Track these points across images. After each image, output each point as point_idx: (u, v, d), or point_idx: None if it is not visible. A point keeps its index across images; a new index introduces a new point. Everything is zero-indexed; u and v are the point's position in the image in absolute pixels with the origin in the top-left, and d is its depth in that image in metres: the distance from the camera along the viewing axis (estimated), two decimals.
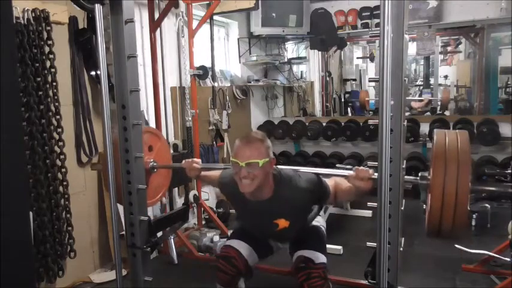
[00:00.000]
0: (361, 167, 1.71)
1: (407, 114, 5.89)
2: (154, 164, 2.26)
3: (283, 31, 5.30)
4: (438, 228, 1.60)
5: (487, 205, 3.77)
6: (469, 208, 1.54)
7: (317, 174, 1.92)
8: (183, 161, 2.19)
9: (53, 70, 2.65)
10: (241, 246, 2.08)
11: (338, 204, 4.12)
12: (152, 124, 3.49)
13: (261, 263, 2.86)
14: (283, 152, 5.40)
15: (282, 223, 1.95)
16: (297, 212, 1.98)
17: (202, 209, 3.88)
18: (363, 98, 6.42)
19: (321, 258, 2.00)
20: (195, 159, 2.23)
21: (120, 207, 2.20)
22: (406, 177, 1.65)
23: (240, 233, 2.20)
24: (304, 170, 2.00)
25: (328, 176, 1.98)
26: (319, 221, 2.24)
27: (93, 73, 3.00)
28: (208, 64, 4.23)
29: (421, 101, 6.83)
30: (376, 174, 1.65)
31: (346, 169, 1.85)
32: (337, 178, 1.93)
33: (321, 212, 2.38)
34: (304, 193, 1.89)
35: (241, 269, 2.06)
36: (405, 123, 1.61)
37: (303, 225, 2.12)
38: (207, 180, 2.31)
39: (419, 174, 1.67)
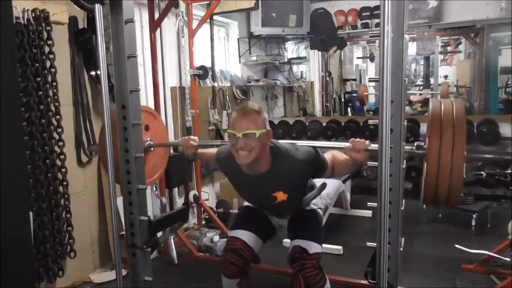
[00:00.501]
0: (357, 139, 1.71)
1: (407, 109, 5.89)
2: (151, 142, 2.26)
3: (283, 31, 5.30)
4: (434, 195, 1.59)
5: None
6: (464, 176, 1.54)
7: (314, 147, 1.93)
8: (180, 139, 2.19)
9: (53, 70, 2.65)
10: (246, 236, 2.09)
11: (337, 204, 4.12)
12: None
13: (261, 263, 2.87)
14: None
15: (280, 196, 1.95)
16: (295, 184, 1.98)
17: (202, 209, 3.88)
18: (361, 93, 6.40)
19: (315, 247, 2.00)
20: (192, 136, 2.23)
21: (120, 208, 2.21)
22: (406, 146, 1.65)
23: (243, 220, 2.21)
24: (301, 143, 2.00)
25: (326, 149, 2.01)
26: (317, 203, 2.22)
27: (93, 73, 3.00)
28: (208, 64, 4.23)
29: (420, 95, 6.82)
30: (372, 145, 1.66)
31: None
32: (334, 151, 1.95)
33: (324, 197, 2.36)
34: (302, 165, 1.88)
35: (248, 258, 2.08)
36: (405, 123, 1.61)
37: (301, 200, 2.12)
38: (204, 158, 2.32)
39: (415, 144, 1.67)
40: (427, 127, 1.62)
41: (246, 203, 2.30)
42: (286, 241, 3.47)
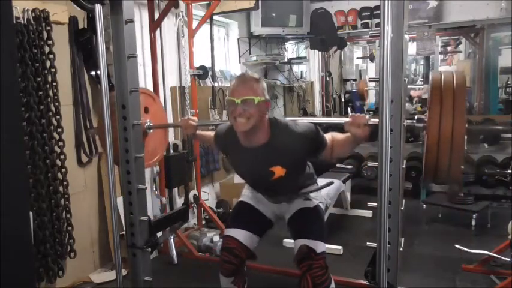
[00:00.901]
0: (357, 114, 1.70)
1: (407, 106, 5.88)
2: (151, 124, 2.26)
3: (283, 31, 5.29)
4: (435, 167, 1.58)
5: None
6: (466, 148, 1.53)
7: (315, 124, 1.92)
8: (180, 119, 2.19)
9: (53, 70, 2.65)
10: (240, 235, 2.08)
11: (337, 203, 4.12)
12: None
13: (260, 263, 2.87)
14: None
15: (278, 171, 1.92)
16: (293, 159, 1.93)
17: (202, 209, 3.88)
18: (361, 88, 6.36)
19: (322, 246, 2.00)
20: (191, 116, 2.23)
21: (120, 208, 2.21)
22: (407, 121, 1.65)
23: (237, 218, 2.20)
24: (301, 119, 1.99)
25: (326, 128, 1.96)
26: (318, 197, 2.19)
27: (93, 73, 3.00)
28: (208, 64, 4.23)
29: (420, 89, 6.80)
30: (372, 120, 1.64)
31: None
32: (333, 132, 1.94)
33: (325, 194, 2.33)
34: (301, 139, 1.86)
35: (243, 257, 2.08)
36: (405, 123, 1.62)
37: (299, 180, 2.09)
38: (204, 139, 2.32)
39: (416, 117, 1.67)
40: (428, 98, 1.61)
41: (240, 199, 2.27)
42: (287, 241, 3.49)
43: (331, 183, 2.23)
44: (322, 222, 2.15)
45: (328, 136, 1.92)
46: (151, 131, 2.27)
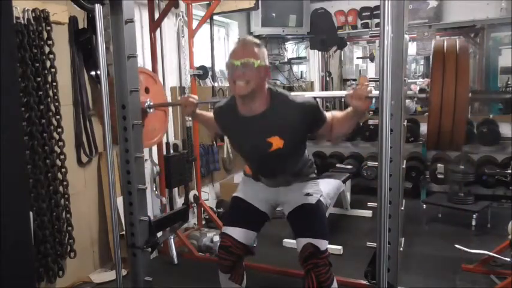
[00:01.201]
0: (359, 86, 1.67)
1: (408, 102, 5.87)
2: (151, 103, 2.26)
3: (283, 31, 5.30)
4: (438, 133, 1.56)
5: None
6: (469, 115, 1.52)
7: (314, 98, 1.91)
8: (179, 97, 2.18)
9: (53, 70, 2.65)
10: (236, 232, 2.08)
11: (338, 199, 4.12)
12: None
13: (261, 263, 2.87)
14: None
15: (276, 141, 1.89)
16: (292, 130, 1.89)
17: (202, 209, 3.88)
18: (362, 83, 6.37)
19: (325, 244, 2.00)
20: (191, 94, 2.23)
21: (120, 207, 2.21)
22: (408, 91, 1.63)
23: (232, 215, 2.19)
24: (301, 93, 1.99)
25: (327, 110, 1.94)
26: (318, 192, 2.14)
27: (93, 73, 3.00)
28: (208, 64, 4.23)
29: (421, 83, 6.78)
30: (374, 92, 1.60)
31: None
32: (334, 111, 1.92)
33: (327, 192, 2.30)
34: (300, 110, 1.85)
35: (239, 253, 2.09)
36: (405, 123, 1.62)
37: (297, 154, 2.06)
38: (203, 118, 2.30)
39: (418, 87, 1.66)
40: (430, 65, 1.59)
41: (235, 193, 2.24)
42: (286, 241, 3.49)
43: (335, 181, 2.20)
44: (325, 219, 2.14)
45: (328, 114, 1.92)
46: (152, 110, 2.27)
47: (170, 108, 3.84)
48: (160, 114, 2.40)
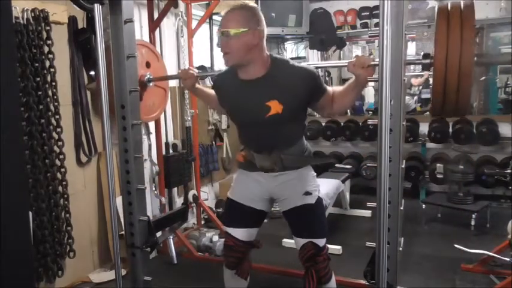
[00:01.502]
0: (362, 54, 1.67)
1: (407, 98, 5.85)
2: (150, 76, 2.25)
3: (283, 31, 5.30)
4: (443, 97, 1.51)
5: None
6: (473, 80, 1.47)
7: (316, 68, 1.90)
8: (179, 70, 2.16)
9: (52, 70, 2.65)
10: (237, 232, 2.08)
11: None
12: (152, 124, 3.49)
13: (260, 263, 2.87)
14: None
15: (275, 106, 1.83)
16: (291, 96, 1.84)
17: (202, 208, 3.88)
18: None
19: (324, 241, 2.01)
20: (191, 67, 2.20)
21: (120, 207, 2.21)
22: (408, 59, 1.60)
23: (230, 217, 2.17)
24: (303, 63, 1.96)
25: (329, 82, 1.89)
26: (316, 188, 2.07)
27: (92, 73, 3.00)
28: (207, 64, 4.23)
29: (421, 76, 6.74)
30: (376, 59, 1.55)
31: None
32: (334, 87, 1.92)
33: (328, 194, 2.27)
34: (300, 76, 1.83)
35: (243, 251, 2.10)
36: (405, 123, 1.62)
37: (294, 133, 2.00)
38: (203, 93, 2.26)
39: (422, 53, 1.62)
40: (435, 24, 1.53)
41: (229, 194, 2.17)
42: (286, 241, 3.49)
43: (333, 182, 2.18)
44: (324, 217, 2.14)
45: (329, 88, 1.91)
46: (151, 84, 2.26)
47: (169, 108, 3.85)
48: (159, 91, 2.38)
